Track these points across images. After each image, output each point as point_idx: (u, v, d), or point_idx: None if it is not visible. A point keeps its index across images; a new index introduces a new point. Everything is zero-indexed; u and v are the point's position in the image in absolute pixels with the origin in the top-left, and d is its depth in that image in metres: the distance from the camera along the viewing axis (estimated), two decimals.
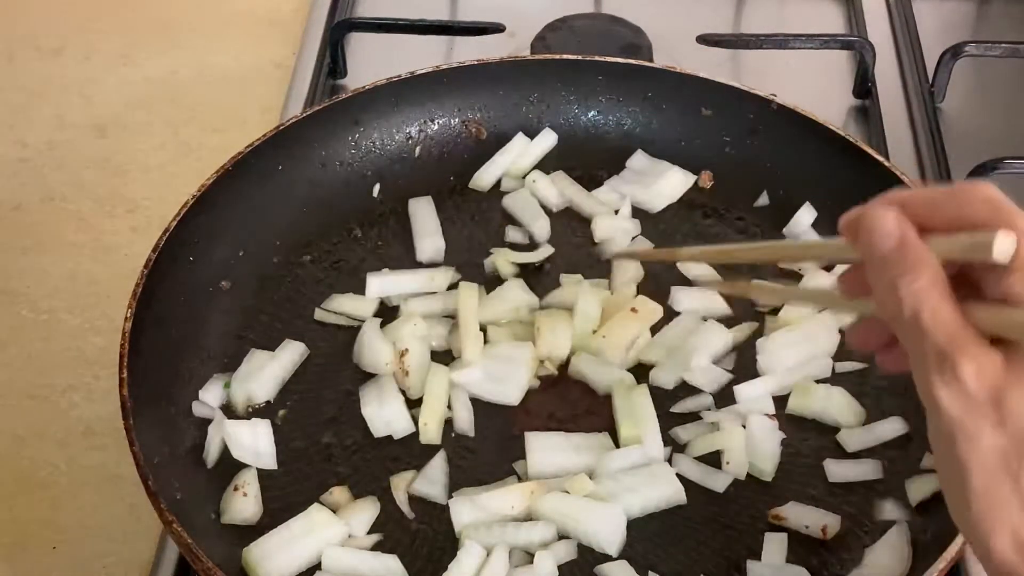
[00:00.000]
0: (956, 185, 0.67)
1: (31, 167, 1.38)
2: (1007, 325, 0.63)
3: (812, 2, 1.58)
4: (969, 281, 0.66)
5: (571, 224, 1.19)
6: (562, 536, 0.94)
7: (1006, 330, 0.63)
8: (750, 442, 0.99)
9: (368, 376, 1.05)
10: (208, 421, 1.01)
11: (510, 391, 1.03)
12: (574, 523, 0.93)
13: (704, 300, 1.10)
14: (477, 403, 1.03)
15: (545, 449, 0.99)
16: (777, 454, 0.99)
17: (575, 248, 1.17)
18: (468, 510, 0.94)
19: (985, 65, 1.45)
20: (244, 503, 0.96)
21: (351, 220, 1.18)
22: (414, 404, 1.02)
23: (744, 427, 1.00)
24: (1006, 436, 0.61)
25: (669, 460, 0.99)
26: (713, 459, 0.99)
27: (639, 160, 1.23)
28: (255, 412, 1.03)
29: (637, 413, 1.00)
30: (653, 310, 1.08)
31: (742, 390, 1.03)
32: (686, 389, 1.04)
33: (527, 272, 1.14)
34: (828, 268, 1.13)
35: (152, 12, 1.60)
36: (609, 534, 0.93)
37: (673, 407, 1.03)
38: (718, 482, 0.98)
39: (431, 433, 1.00)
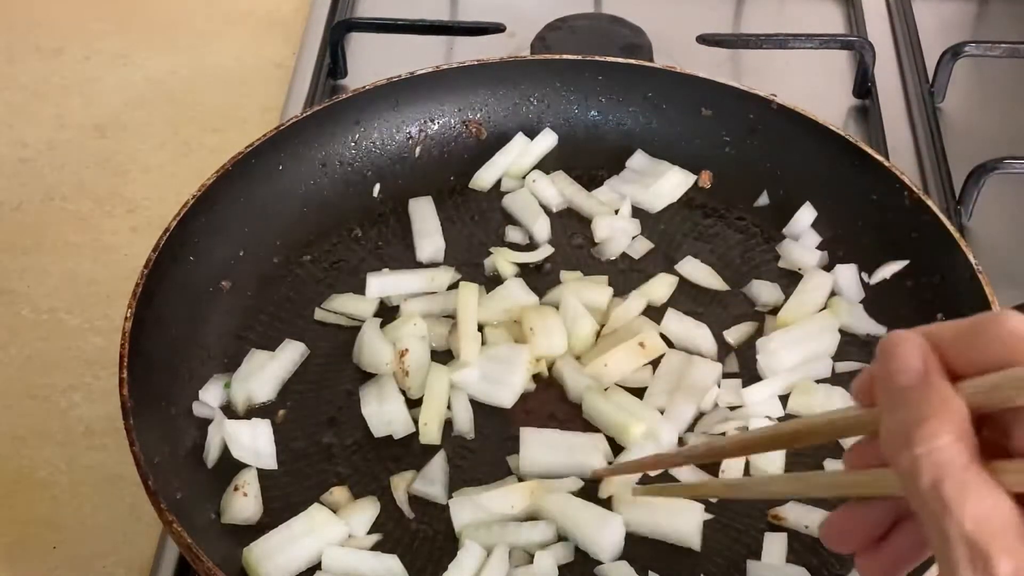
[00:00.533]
0: (979, 318, 0.56)
1: (31, 167, 1.38)
2: None
3: (812, 2, 1.58)
4: (990, 427, 0.57)
5: (571, 224, 1.19)
6: (562, 536, 0.94)
7: None
8: None
9: (368, 376, 1.05)
10: (208, 421, 1.01)
11: (504, 394, 1.03)
12: (572, 525, 0.93)
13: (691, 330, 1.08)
14: (477, 403, 1.03)
15: (538, 445, 0.98)
16: (777, 454, 0.99)
17: (575, 248, 1.17)
18: (468, 510, 0.94)
19: (985, 65, 1.45)
20: (244, 503, 0.96)
21: (351, 220, 1.18)
22: (414, 404, 1.02)
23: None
24: None
25: None
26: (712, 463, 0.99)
27: (639, 160, 1.23)
28: (255, 412, 1.03)
29: (635, 411, 1.00)
30: (658, 347, 1.05)
31: (748, 394, 1.03)
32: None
33: (527, 272, 1.14)
34: (827, 268, 1.13)
35: (152, 12, 1.60)
36: (606, 543, 0.92)
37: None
38: None
39: (431, 433, 1.00)
